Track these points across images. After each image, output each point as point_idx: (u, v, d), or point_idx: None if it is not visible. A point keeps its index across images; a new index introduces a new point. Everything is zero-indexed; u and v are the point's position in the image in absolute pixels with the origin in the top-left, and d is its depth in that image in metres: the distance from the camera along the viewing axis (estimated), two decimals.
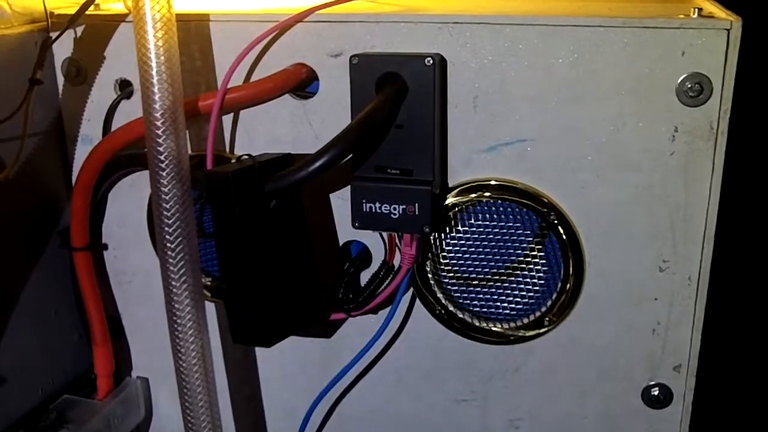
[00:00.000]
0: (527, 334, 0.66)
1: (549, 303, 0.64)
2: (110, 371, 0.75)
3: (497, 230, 0.64)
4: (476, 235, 0.64)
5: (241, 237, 0.59)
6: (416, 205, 0.59)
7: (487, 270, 0.65)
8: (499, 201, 0.63)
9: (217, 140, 0.67)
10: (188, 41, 0.65)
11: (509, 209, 0.63)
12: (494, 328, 0.66)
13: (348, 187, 0.62)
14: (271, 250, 0.60)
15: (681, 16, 0.56)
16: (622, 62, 0.57)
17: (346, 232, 0.67)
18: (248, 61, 0.64)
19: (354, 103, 0.60)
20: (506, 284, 0.65)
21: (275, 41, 0.64)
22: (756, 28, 0.62)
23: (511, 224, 0.63)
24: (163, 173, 0.56)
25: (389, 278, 0.65)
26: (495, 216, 0.63)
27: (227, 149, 0.68)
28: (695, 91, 0.56)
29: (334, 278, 0.67)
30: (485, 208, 0.63)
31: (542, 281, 0.64)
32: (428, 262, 0.66)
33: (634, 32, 0.56)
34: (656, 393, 0.64)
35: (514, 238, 0.64)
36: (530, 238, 0.63)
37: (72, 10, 0.66)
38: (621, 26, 0.56)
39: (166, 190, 0.56)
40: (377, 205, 0.60)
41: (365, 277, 0.67)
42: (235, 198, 0.57)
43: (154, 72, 0.55)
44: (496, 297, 0.66)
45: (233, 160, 0.65)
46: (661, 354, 0.63)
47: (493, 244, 0.64)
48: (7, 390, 0.69)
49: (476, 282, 0.66)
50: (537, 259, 0.64)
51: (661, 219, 0.60)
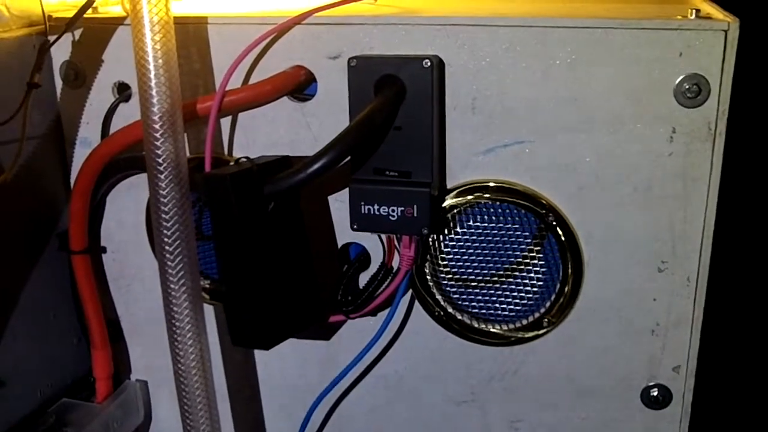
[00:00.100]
0: (526, 336, 0.66)
1: (548, 304, 0.64)
2: (109, 374, 0.75)
3: (496, 232, 0.64)
4: (475, 237, 0.64)
5: (239, 239, 0.59)
6: (415, 206, 0.59)
7: (485, 271, 0.65)
8: (498, 202, 0.63)
9: (215, 143, 0.67)
10: (186, 44, 0.65)
11: (508, 211, 0.63)
12: (493, 330, 0.66)
13: (347, 190, 0.62)
14: (270, 252, 0.60)
15: (678, 17, 0.57)
16: (620, 63, 0.57)
17: (344, 234, 0.67)
18: (246, 64, 0.64)
19: (352, 105, 0.60)
20: (505, 286, 0.65)
21: (273, 44, 0.64)
22: (753, 28, 0.62)
23: (509, 226, 0.63)
24: (162, 176, 0.56)
25: (388, 280, 0.65)
26: (494, 217, 0.63)
27: (226, 152, 0.68)
28: (693, 92, 0.56)
29: (332, 280, 0.67)
30: (484, 209, 0.63)
31: (541, 282, 0.64)
32: (427, 264, 0.66)
33: (632, 33, 0.56)
34: (655, 393, 0.64)
35: (513, 239, 0.64)
36: (529, 240, 0.63)
37: (70, 14, 0.66)
38: (619, 27, 0.56)
39: (164, 192, 0.56)
40: (376, 207, 0.60)
41: (364, 279, 0.67)
42: (234, 200, 0.57)
43: (152, 75, 0.55)
44: (495, 298, 0.66)
45: (232, 163, 0.65)
46: (661, 354, 0.63)
47: (492, 245, 0.64)
48: (6, 393, 0.69)
49: (475, 283, 0.66)
50: (536, 261, 0.64)
51: (660, 220, 0.60)
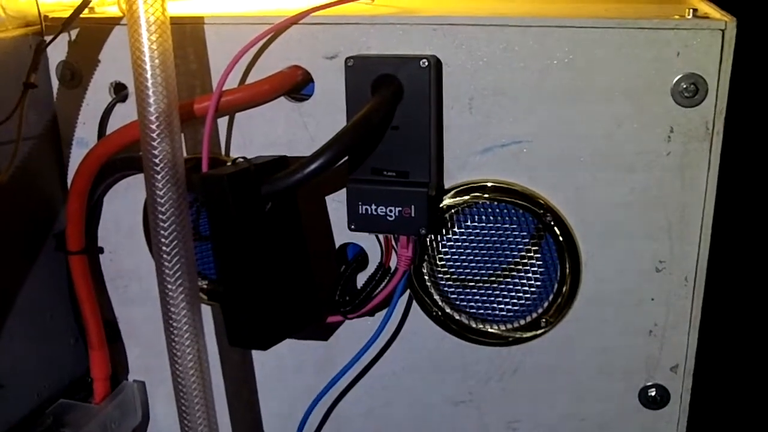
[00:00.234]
0: (524, 336, 0.66)
1: (546, 304, 0.64)
2: (107, 375, 0.75)
3: (494, 232, 0.64)
4: (473, 237, 0.64)
5: (237, 240, 0.58)
6: (412, 207, 0.59)
7: (483, 271, 0.65)
8: (496, 202, 0.63)
9: (212, 143, 0.66)
10: (183, 44, 0.65)
11: (505, 211, 0.63)
12: (491, 330, 0.66)
13: (344, 190, 0.62)
14: (267, 252, 0.60)
15: (676, 16, 0.56)
16: (618, 63, 0.57)
17: (342, 234, 0.67)
18: (243, 64, 0.64)
19: (350, 105, 0.60)
20: (503, 286, 0.65)
21: (270, 43, 0.64)
22: (751, 28, 0.62)
23: (507, 226, 0.63)
24: (159, 176, 0.56)
25: (386, 280, 0.65)
26: (491, 217, 0.63)
27: (223, 152, 0.68)
28: (690, 91, 0.56)
29: (330, 281, 0.67)
30: (481, 209, 0.63)
31: (539, 282, 0.64)
32: (425, 264, 0.66)
33: (629, 33, 0.56)
34: (653, 393, 0.64)
35: (511, 239, 0.63)
36: (527, 240, 0.63)
37: (66, 14, 0.66)
38: (616, 27, 0.56)
39: (161, 193, 0.56)
40: (373, 207, 0.60)
41: (362, 279, 0.67)
42: (231, 201, 0.57)
43: (148, 75, 0.55)
44: (493, 298, 0.66)
45: (229, 163, 0.65)
46: (658, 354, 0.63)
47: (490, 245, 0.64)
48: (3, 394, 0.69)
49: (473, 284, 0.65)
50: (533, 261, 0.64)
51: (658, 219, 0.60)
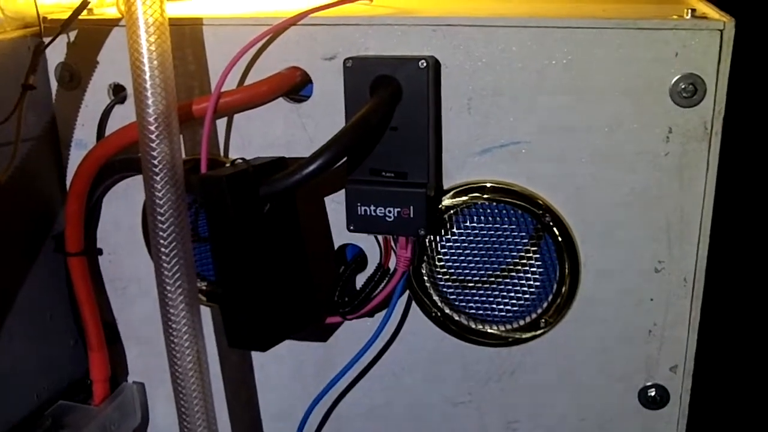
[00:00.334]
0: (524, 336, 0.66)
1: (545, 305, 0.64)
2: (106, 376, 0.75)
3: (493, 232, 0.64)
4: (472, 238, 0.64)
5: (235, 241, 0.58)
6: (411, 207, 0.59)
7: (483, 272, 0.65)
8: (495, 203, 0.63)
9: (211, 144, 0.66)
10: (181, 45, 0.65)
11: (504, 211, 0.63)
12: (490, 331, 0.66)
13: (343, 191, 0.62)
14: (266, 253, 0.60)
15: (674, 17, 0.56)
16: (616, 63, 0.57)
17: (341, 235, 0.67)
18: (242, 65, 0.64)
19: (348, 106, 0.60)
20: (502, 286, 0.65)
21: (269, 45, 0.64)
22: (749, 28, 0.62)
23: (506, 226, 0.63)
24: (157, 178, 0.56)
25: (385, 281, 0.65)
26: (490, 218, 0.63)
27: (221, 153, 0.68)
28: (689, 91, 0.56)
29: (329, 281, 0.67)
30: (480, 210, 0.63)
31: (538, 283, 0.64)
32: (424, 265, 0.66)
33: (628, 33, 0.56)
34: (653, 394, 0.64)
35: (510, 240, 0.63)
36: (526, 240, 0.63)
37: (65, 15, 0.66)
38: (614, 27, 0.56)
39: (160, 194, 0.56)
40: (372, 208, 0.60)
41: (361, 280, 0.67)
42: (230, 202, 0.57)
43: (147, 76, 0.55)
44: (492, 299, 0.66)
45: (227, 164, 0.64)
46: (658, 355, 0.63)
47: (489, 246, 0.64)
48: (2, 396, 0.68)
49: (472, 284, 0.65)
50: (533, 261, 0.64)
51: (657, 220, 0.60)
